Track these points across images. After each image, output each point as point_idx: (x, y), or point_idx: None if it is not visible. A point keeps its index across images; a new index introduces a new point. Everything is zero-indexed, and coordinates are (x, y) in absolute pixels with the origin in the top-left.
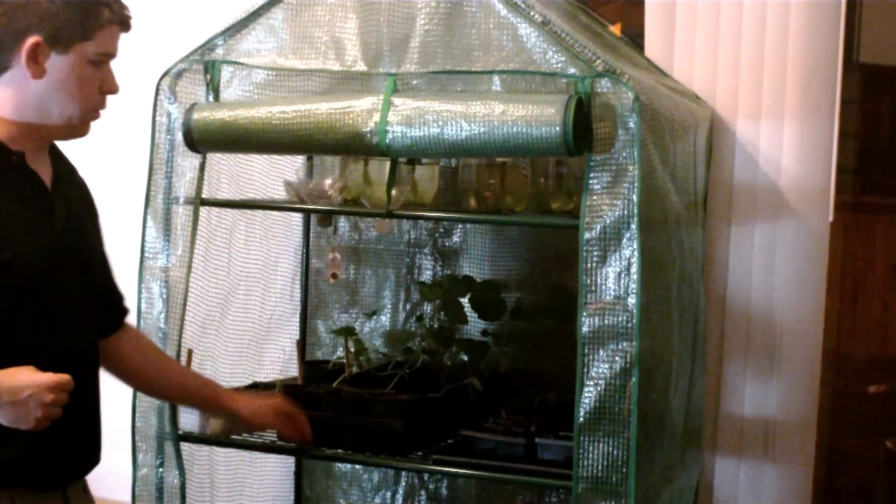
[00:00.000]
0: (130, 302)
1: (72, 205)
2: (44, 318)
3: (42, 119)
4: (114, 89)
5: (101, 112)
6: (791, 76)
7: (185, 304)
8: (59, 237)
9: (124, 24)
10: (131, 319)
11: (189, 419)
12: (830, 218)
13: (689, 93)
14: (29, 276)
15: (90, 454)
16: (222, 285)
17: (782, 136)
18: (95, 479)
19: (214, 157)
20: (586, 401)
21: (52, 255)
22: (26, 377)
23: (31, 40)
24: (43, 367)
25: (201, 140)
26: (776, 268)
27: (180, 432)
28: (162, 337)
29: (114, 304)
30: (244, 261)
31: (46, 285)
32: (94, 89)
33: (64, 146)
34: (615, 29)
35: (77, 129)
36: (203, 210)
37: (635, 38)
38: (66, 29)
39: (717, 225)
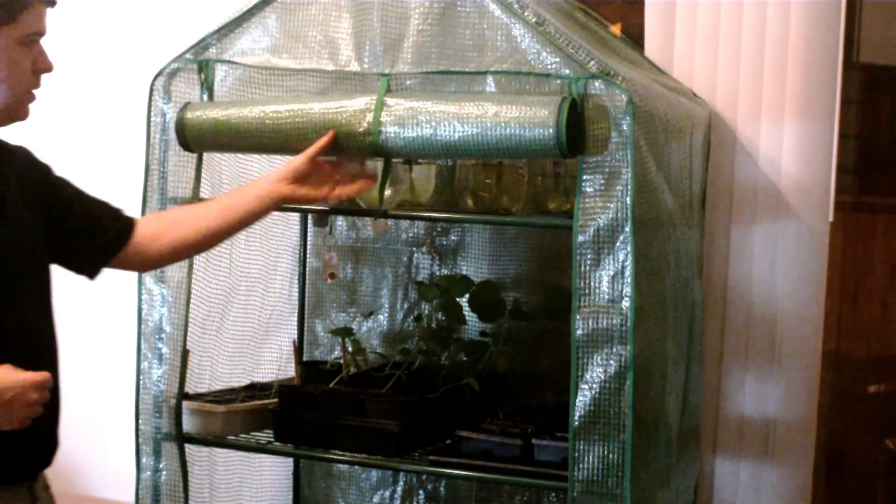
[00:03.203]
0: (131, 304)
1: (16, 191)
2: (5, 311)
3: None
4: (47, 68)
5: (36, 93)
6: (791, 76)
7: (188, 306)
8: (10, 228)
9: (49, 0)
10: (131, 321)
11: (189, 420)
12: (830, 218)
13: (687, 91)
14: None
15: (52, 443)
16: (223, 286)
17: (782, 136)
18: (96, 480)
19: (215, 158)
20: (581, 404)
21: (7, 247)
22: (8, 377)
23: None
24: (7, 360)
25: (194, 139)
26: (776, 268)
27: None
28: (163, 339)
29: (116, 219)
30: (244, 261)
31: (4, 279)
32: (26, 71)
33: (64, 148)
34: (615, 29)
35: (13, 113)
36: None
37: (635, 37)
38: None
39: (716, 225)
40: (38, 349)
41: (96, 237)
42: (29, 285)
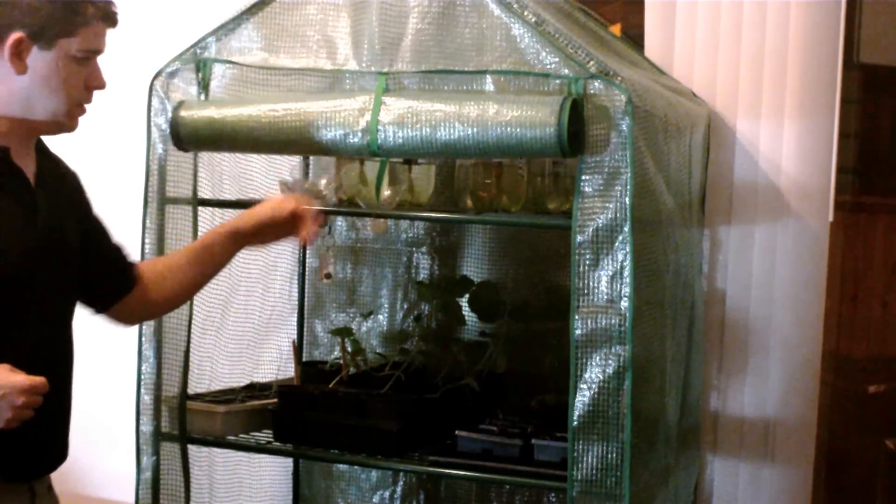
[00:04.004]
0: None
1: (55, 200)
2: (22, 313)
3: (26, 114)
4: (100, 85)
5: (87, 107)
6: (791, 76)
7: (191, 305)
8: (41, 233)
9: (109, 19)
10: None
11: (188, 420)
12: (830, 218)
13: (687, 91)
14: (9, 270)
15: (57, 450)
16: (223, 286)
17: (782, 136)
18: (96, 480)
19: (215, 158)
20: (580, 404)
21: (34, 250)
22: (1, 377)
23: (14, 36)
24: (18, 362)
25: (188, 138)
26: (776, 268)
27: (177, 433)
28: (160, 341)
29: (125, 266)
30: (244, 262)
31: (27, 280)
32: (79, 85)
33: (63, 148)
34: (615, 29)
35: (62, 124)
36: (206, 211)
37: (635, 37)
38: (50, 25)
39: (716, 225)
40: (50, 358)
41: (109, 279)
42: (51, 294)
